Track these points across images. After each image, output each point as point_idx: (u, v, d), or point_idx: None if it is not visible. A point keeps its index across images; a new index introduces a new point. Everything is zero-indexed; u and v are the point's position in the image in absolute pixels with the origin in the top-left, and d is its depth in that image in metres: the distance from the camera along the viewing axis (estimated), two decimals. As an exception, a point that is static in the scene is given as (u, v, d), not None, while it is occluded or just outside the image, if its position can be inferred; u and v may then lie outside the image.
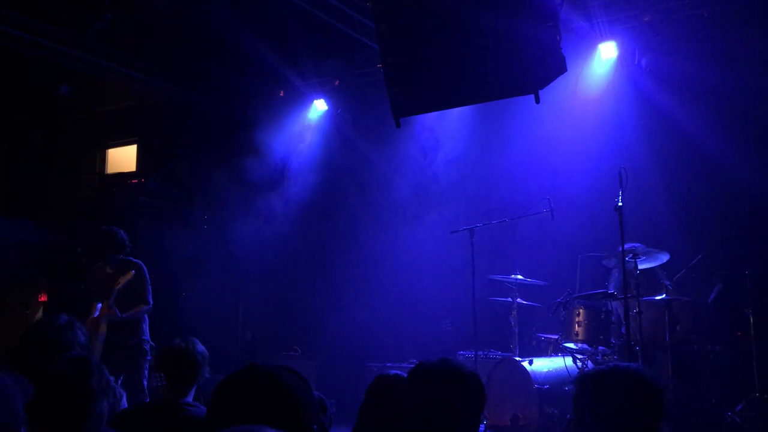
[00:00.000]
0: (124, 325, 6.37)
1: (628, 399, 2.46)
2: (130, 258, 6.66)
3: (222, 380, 2.02)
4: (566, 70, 3.89)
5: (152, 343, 6.58)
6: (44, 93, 11.05)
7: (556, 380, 6.91)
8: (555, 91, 5.41)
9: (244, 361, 9.83)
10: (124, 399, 4.49)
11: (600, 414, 2.47)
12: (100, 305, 6.44)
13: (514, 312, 7.53)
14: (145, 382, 6.35)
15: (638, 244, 6.77)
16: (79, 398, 2.62)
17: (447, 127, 9.56)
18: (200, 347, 3.72)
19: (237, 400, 1.94)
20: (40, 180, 12.27)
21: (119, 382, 6.13)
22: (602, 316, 6.92)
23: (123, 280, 6.28)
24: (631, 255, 6.61)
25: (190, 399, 3.61)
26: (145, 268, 6.61)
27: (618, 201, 6.05)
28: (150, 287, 6.61)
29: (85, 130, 12.62)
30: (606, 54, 8.39)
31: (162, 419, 3.43)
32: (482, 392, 2.60)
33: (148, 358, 6.49)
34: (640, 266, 6.79)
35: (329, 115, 10.47)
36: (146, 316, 6.65)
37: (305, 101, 10.50)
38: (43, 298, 10.33)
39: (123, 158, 12.64)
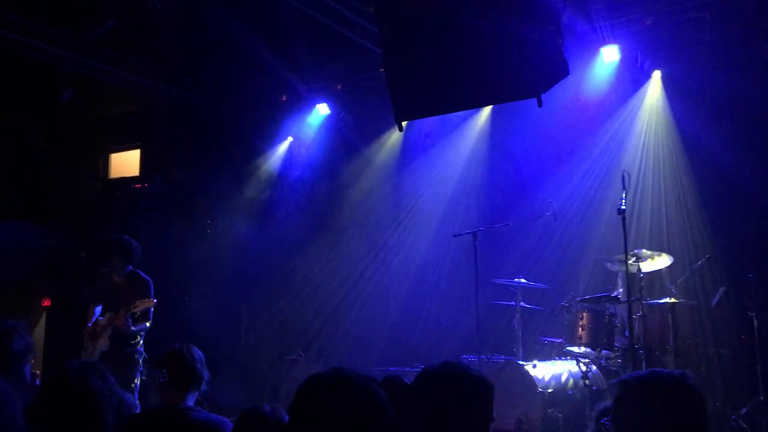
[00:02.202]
0: (119, 335, 6.34)
1: (675, 407, 2.41)
2: (139, 272, 6.59)
3: (308, 383, 2.01)
4: (569, 74, 3.89)
5: (145, 354, 6.53)
6: (47, 96, 11.06)
7: (559, 384, 6.89)
8: (558, 95, 5.41)
9: (248, 364, 9.86)
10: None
11: (643, 421, 2.42)
12: (98, 309, 6.44)
13: (518, 316, 7.50)
14: (137, 393, 6.32)
15: (641, 249, 6.76)
16: (88, 401, 2.64)
17: (450, 131, 9.58)
18: (197, 351, 3.72)
19: (326, 405, 1.94)
20: (43, 184, 12.27)
21: None
22: (606, 320, 6.90)
23: (142, 306, 6.23)
24: (634, 258, 6.59)
25: (191, 403, 3.62)
26: (152, 286, 6.57)
27: (621, 204, 6.03)
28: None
29: (88, 135, 12.63)
30: (608, 57, 8.38)
31: (165, 425, 3.43)
32: (490, 390, 2.55)
33: (140, 369, 6.46)
34: (644, 270, 6.77)
35: (331, 119, 10.47)
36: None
37: (307, 105, 10.51)
38: (46, 302, 10.33)
39: (126, 163, 12.65)
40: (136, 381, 6.37)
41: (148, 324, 6.47)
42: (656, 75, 8.30)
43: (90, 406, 2.65)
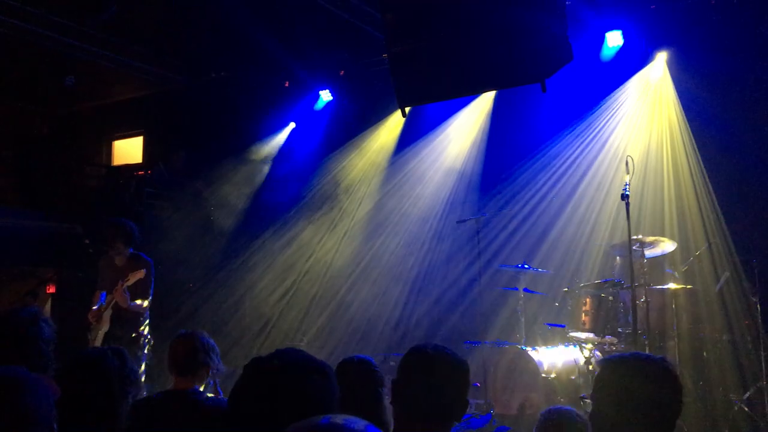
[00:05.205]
0: (123, 318, 6.36)
1: (653, 389, 2.49)
2: (141, 254, 6.61)
3: (249, 365, 2.02)
4: (573, 59, 3.87)
5: (152, 340, 6.53)
6: (51, 84, 11.07)
7: (563, 369, 6.90)
8: (561, 80, 5.38)
9: (251, 351, 9.90)
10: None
11: (622, 400, 2.50)
12: (104, 295, 6.46)
13: (521, 301, 7.50)
14: (143, 376, 6.34)
15: (645, 235, 6.75)
16: (113, 386, 2.67)
17: (453, 116, 9.56)
18: (204, 337, 3.75)
19: (260, 388, 1.95)
20: (47, 171, 12.30)
21: None
22: (609, 306, 6.90)
23: (133, 279, 6.24)
24: (638, 244, 6.59)
25: (198, 388, 3.66)
26: (153, 267, 6.58)
27: (625, 189, 6.02)
28: (153, 287, 6.56)
29: (91, 122, 12.64)
30: (612, 42, 8.34)
31: (172, 408, 3.47)
32: (465, 372, 2.63)
33: (146, 352, 6.46)
34: (648, 255, 6.77)
35: (334, 105, 10.45)
36: (147, 312, 6.62)
37: (311, 91, 10.49)
38: (52, 289, 10.38)
39: (129, 150, 12.66)
40: (142, 366, 6.39)
41: (144, 303, 6.41)
42: (660, 58, 8.25)
43: (106, 392, 2.68)
